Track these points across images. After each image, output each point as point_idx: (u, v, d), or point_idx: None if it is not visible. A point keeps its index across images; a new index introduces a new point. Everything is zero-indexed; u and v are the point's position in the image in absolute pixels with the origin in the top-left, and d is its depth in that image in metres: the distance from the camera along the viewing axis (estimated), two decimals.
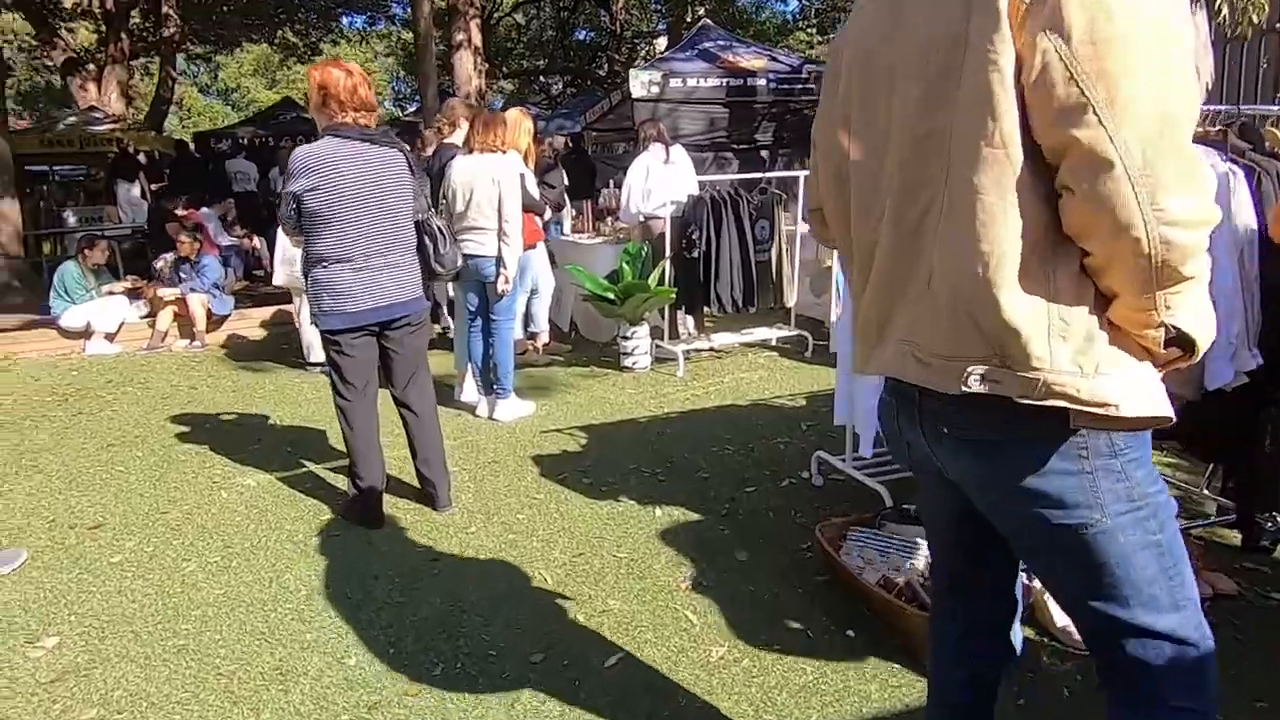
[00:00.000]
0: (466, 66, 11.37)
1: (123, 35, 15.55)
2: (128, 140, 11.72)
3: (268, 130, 15.19)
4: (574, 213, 7.35)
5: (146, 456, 3.99)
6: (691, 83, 8.95)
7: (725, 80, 9.15)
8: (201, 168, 12.57)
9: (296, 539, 3.00)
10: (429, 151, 5.50)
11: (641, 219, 5.39)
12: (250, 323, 7.01)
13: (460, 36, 11.24)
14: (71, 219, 11.18)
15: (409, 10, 23.15)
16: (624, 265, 5.14)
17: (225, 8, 17.20)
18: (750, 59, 9.63)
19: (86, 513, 3.33)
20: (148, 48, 18.06)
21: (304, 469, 3.73)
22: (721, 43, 10.13)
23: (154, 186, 11.07)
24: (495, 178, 4.04)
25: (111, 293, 6.73)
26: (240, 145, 14.81)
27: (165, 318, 6.64)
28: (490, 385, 4.38)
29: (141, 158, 12.46)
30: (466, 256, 3.90)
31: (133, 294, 6.89)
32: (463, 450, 3.87)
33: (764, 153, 9.50)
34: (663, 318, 5.47)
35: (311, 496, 3.39)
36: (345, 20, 22.95)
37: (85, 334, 6.56)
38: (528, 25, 28.12)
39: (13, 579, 2.75)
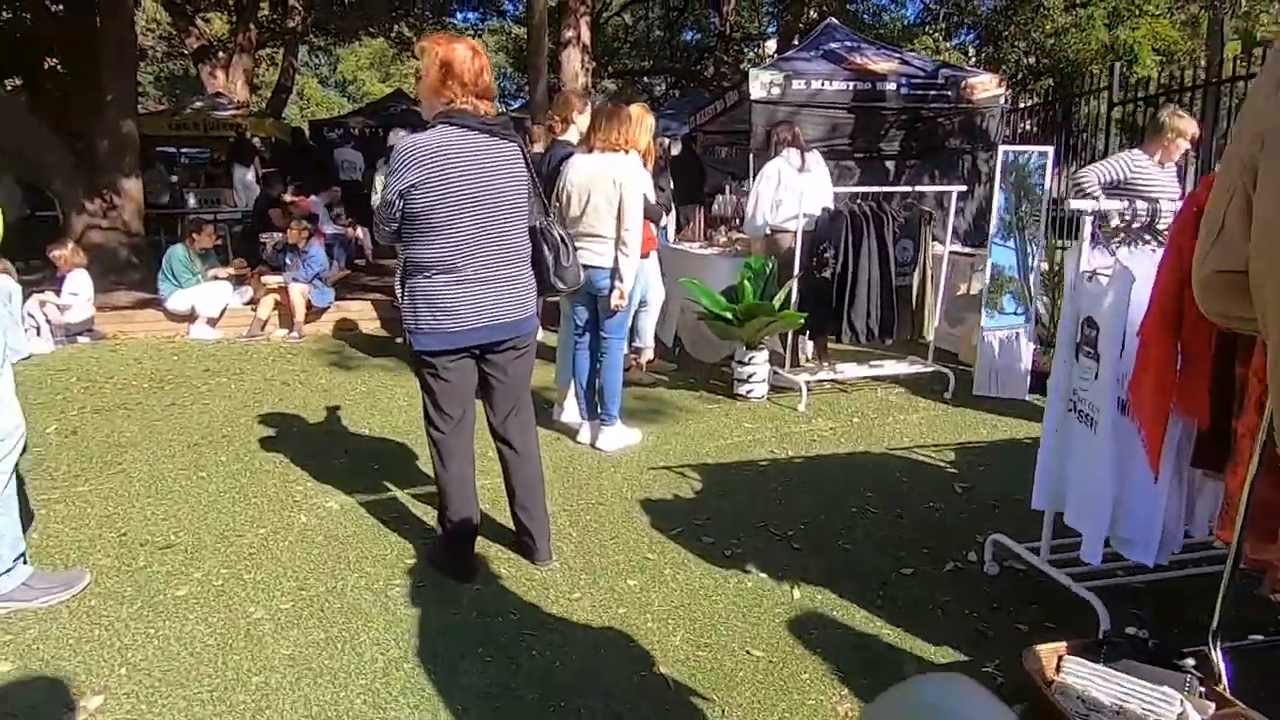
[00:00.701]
0: (574, 64, 11.10)
1: (251, 25, 16.10)
2: (245, 126, 11.96)
3: (377, 121, 15.40)
4: (682, 219, 6.88)
5: (230, 462, 3.74)
6: (815, 85, 8.31)
7: (852, 83, 8.47)
8: (312, 154, 12.75)
9: (376, 586, 2.62)
10: (538, 148, 5.13)
11: (768, 231, 4.84)
12: (349, 315, 6.85)
13: (570, 33, 10.98)
14: (192, 200, 11.52)
15: (520, 7, 23.45)
16: (745, 283, 4.61)
17: (345, 0, 17.56)
18: (879, 61, 8.91)
19: (160, 527, 3.06)
20: (273, 37, 18.73)
21: (390, 493, 3.38)
22: (848, 43, 9.44)
23: (265, 171, 11.23)
24: (617, 179, 3.60)
25: (216, 278, 6.69)
26: (350, 134, 15.04)
27: (266, 306, 6.54)
28: (594, 410, 3.94)
29: (258, 143, 12.73)
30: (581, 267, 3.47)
31: (237, 279, 6.84)
32: (563, 485, 3.44)
33: (889, 163, 8.76)
34: (782, 343, 4.91)
35: (396, 530, 3.02)
36: (458, 16, 23.34)
37: (190, 318, 6.53)
38: (635, 25, 27.96)
39: (71, 607, 2.47)
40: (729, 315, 4.53)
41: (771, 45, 22.35)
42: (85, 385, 5.13)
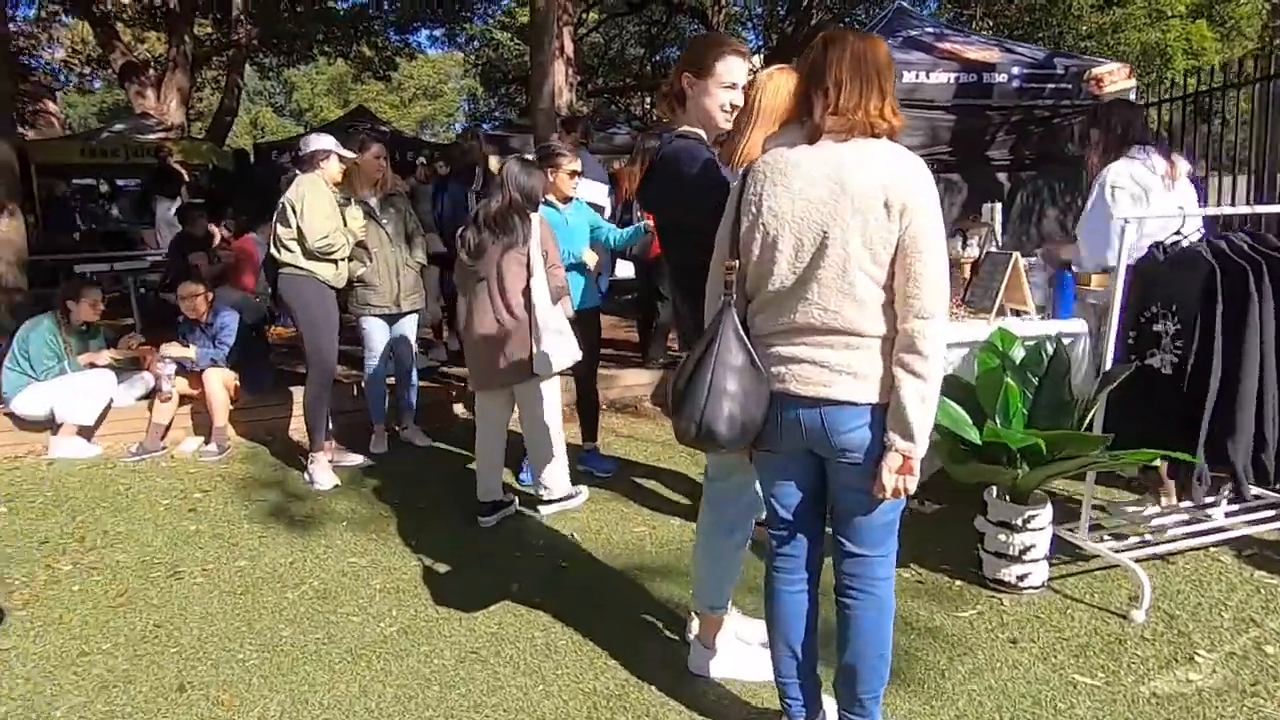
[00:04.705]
0: (558, 78, 9.34)
1: (185, 39, 13.89)
2: (168, 150, 9.71)
3: (342, 140, 13.15)
4: None
5: None
6: (910, 77, 6.39)
7: (954, 76, 6.59)
8: (258, 182, 10.52)
9: None
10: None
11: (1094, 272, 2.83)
12: (281, 411, 4.65)
13: (554, 45, 9.21)
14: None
15: (485, 23, 21.53)
16: (1005, 379, 2.57)
17: (298, 8, 15.42)
18: (980, 49, 7.06)
19: None
20: (214, 52, 16.51)
21: None
22: (930, 29, 7.60)
23: (185, 204, 8.91)
24: (895, 194, 1.55)
25: (93, 364, 4.48)
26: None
27: (167, 407, 4.35)
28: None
29: (187, 173, 10.46)
30: None
31: (127, 365, 4.63)
32: None
33: (1001, 175, 6.89)
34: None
35: None
36: (422, 34, 21.36)
37: (51, 425, 4.31)
38: (610, 44, 26.25)
39: None
40: (986, 444, 2.49)
41: (758, 60, 20.73)
42: None
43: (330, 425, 3.95)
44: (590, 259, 3.72)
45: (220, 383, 4.33)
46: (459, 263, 3.24)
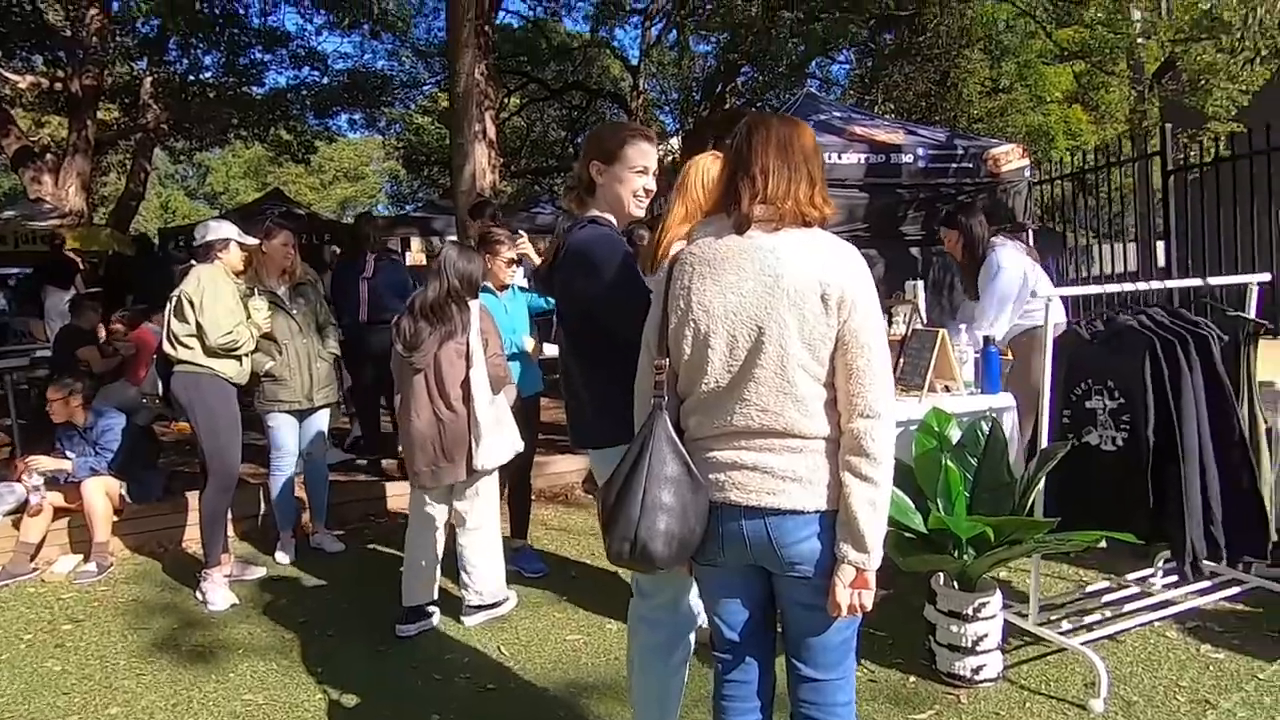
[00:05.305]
0: (480, 160, 9.41)
1: (88, 123, 13.40)
2: (61, 236, 9.19)
3: (252, 225, 12.74)
4: None
5: None
6: (827, 158, 6.65)
7: (865, 157, 6.89)
8: (161, 268, 10.00)
9: None
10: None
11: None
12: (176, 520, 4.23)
13: (475, 128, 9.29)
14: None
15: (408, 106, 21.69)
16: (948, 465, 2.50)
17: (210, 94, 15.16)
18: (886, 131, 7.43)
19: None
20: (120, 136, 15.98)
21: None
22: (838, 114, 7.99)
23: (77, 295, 8.37)
24: (831, 288, 1.47)
25: None
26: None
27: (38, 522, 3.88)
28: None
29: (84, 259, 9.90)
30: None
31: None
32: None
33: (914, 251, 7.14)
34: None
35: None
36: (342, 117, 21.27)
37: None
38: (531, 127, 26.81)
39: None
40: (933, 531, 2.39)
41: (675, 143, 21.50)
42: None
43: (229, 534, 3.58)
44: (530, 345, 3.59)
45: (101, 493, 3.90)
46: (395, 354, 3.04)
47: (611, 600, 3.32)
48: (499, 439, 2.96)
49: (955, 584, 2.52)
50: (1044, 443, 2.48)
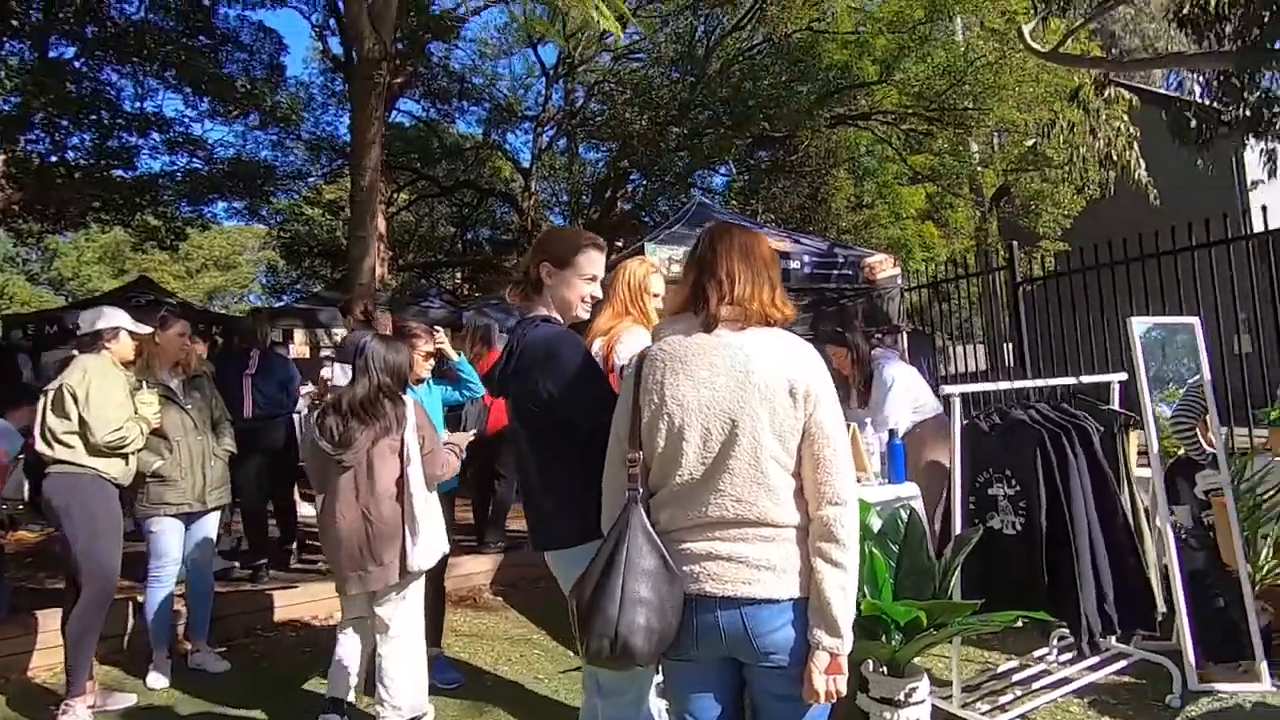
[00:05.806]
0: (370, 257, 9.39)
1: None
2: None
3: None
4: None
5: None
6: None
7: None
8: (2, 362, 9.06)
9: None
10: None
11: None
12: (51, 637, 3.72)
13: (374, 222, 9.31)
14: None
15: (292, 197, 21.26)
16: (873, 552, 2.63)
17: (75, 174, 14.26)
18: (776, 239, 8.00)
19: None
20: None
21: None
22: (729, 221, 8.53)
23: None
24: (798, 385, 1.59)
25: None
26: (68, 332, 11.25)
27: None
28: None
29: None
30: None
31: None
32: None
33: None
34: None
35: None
36: (219, 205, 20.46)
37: None
38: (420, 222, 26.84)
39: None
40: (865, 618, 2.48)
41: None
42: None
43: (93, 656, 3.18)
44: (446, 438, 3.51)
45: None
46: (316, 452, 2.87)
47: (531, 710, 3.19)
48: (431, 539, 2.84)
49: (884, 669, 2.60)
50: (958, 528, 2.67)
